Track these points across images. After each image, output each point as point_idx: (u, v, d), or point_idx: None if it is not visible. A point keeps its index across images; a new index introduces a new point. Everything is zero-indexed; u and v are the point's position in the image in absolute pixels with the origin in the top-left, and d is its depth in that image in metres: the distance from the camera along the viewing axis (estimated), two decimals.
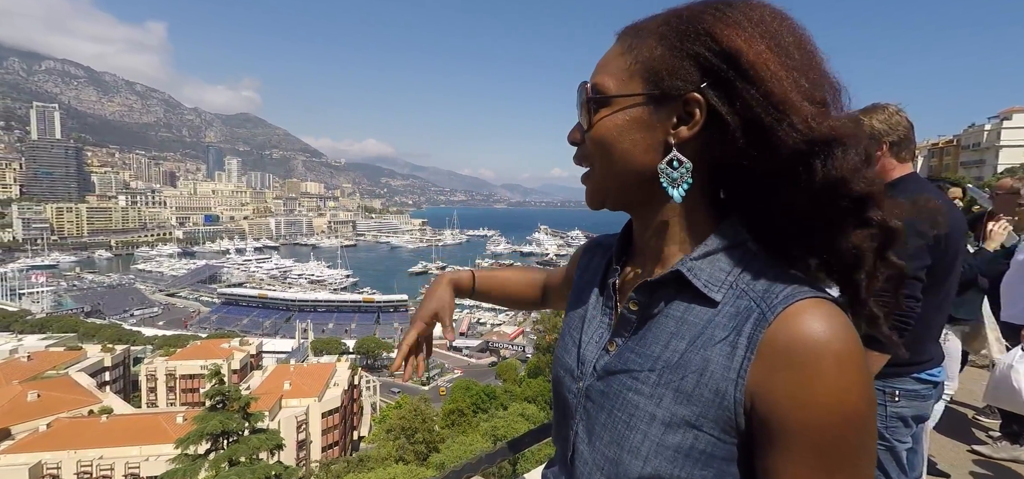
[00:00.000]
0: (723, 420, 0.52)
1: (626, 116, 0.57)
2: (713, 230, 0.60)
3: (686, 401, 0.53)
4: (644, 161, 0.58)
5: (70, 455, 29.24)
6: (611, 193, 0.62)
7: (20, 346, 48.45)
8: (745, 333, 0.52)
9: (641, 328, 0.61)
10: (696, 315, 0.57)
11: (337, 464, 25.99)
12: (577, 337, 0.71)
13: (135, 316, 78.85)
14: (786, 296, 0.51)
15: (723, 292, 0.56)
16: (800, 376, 0.48)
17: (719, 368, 0.52)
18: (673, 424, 0.54)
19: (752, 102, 0.52)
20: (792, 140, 0.51)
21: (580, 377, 0.66)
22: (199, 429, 16.92)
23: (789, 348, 0.49)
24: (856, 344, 0.49)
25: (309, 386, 38.74)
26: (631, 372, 0.59)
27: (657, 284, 0.60)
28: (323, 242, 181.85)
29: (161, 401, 43.29)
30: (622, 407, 0.58)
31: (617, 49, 0.60)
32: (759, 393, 0.50)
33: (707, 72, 0.54)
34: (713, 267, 0.58)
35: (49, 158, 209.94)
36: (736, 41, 0.52)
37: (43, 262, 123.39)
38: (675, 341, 0.57)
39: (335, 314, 78.87)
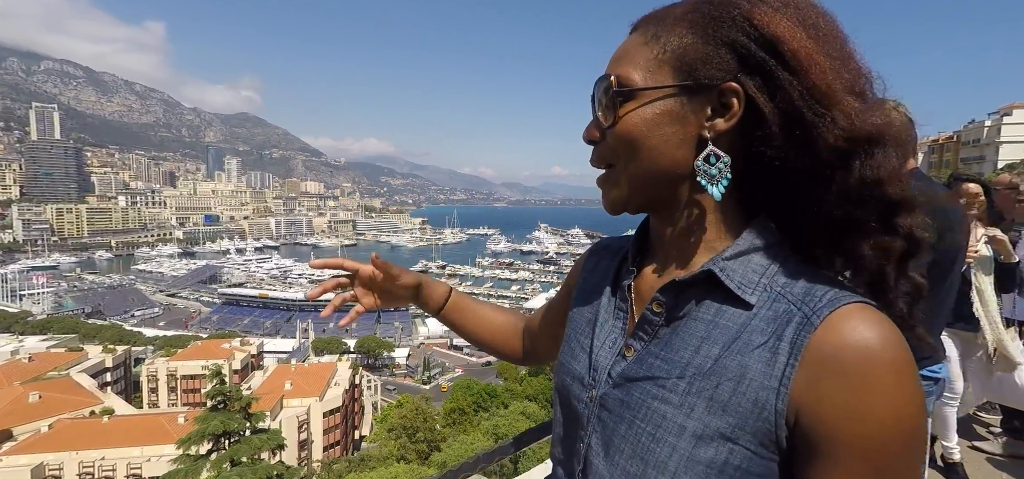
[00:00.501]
0: (762, 433, 0.48)
1: (656, 109, 0.53)
2: (742, 229, 0.56)
3: (721, 411, 0.49)
4: (676, 157, 0.54)
5: (72, 456, 29.30)
6: (637, 193, 0.57)
7: (21, 347, 48.53)
8: (787, 338, 0.48)
9: (666, 331, 0.57)
10: (729, 318, 0.53)
11: (339, 464, 26.03)
12: (586, 342, 0.66)
13: (136, 317, 79.00)
14: (831, 299, 0.48)
15: (758, 294, 0.52)
16: (852, 385, 0.44)
17: (758, 375, 0.48)
18: (705, 437, 0.49)
19: (794, 94, 0.48)
20: (834, 137, 0.48)
21: (593, 385, 0.61)
22: (200, 429, 16.93)
23: (839, 354, 0.45)
24: (908, 352, 0.46)
25: (310, 386, 38.80)
26: (656, 379, 0.54)
27: (685, 284, 0.56)
28: (323, 242, 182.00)
29: (162, 402, 43.36)
30: (646, 418, 0.53)
31: (638, 39, 0.56)
32: (805, 403, 0.46)
33: (745, 60, 0.50)
34: (746, 268, 0.54)
35: (49, 159, 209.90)
36: (778, 27, 0.49)
37: (44, 263, 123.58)
38: (707, 346, 0.52)
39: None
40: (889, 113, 0.50)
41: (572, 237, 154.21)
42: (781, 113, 0.49)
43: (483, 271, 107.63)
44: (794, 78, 0.48)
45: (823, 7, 0.51)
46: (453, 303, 0.98)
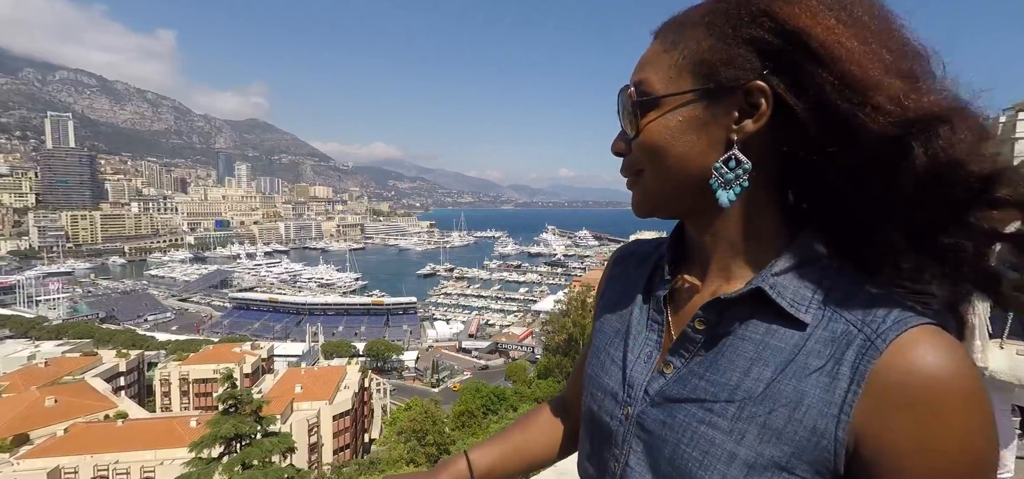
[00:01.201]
0: (820, 463, 0.44)
1: (679, 116, 0.51)
2: (790, 241, 0.52)
3: (775, 440, 0.45)
4: (703, 164, 0.51)
5: (87, 459, 29.71)
6: (665, 201, 0.55)
7: (37, 352, 49.30)
8: (847, 362, 0.44)
9: (709, 350, 0.53)
10: (781, 339, 0.49)
11: (348, 467, 26.15)
12: (618, 355, 0.62)
13: (148, 321, 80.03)
14: (896, 321, 0.44)
15: (812, 313, 0.48)
16: (922, 417, 0.41)
17: (817, 402, 0.45)
18: (758, 465, 0.46)
19: (825, 85, 0.44)
20: (879, 124, 0.42)
21: (628, 401, 0.58)
22: (213, 433, 17.10)
23: (906, 383, 0.42)
24: (980, 382, 0.42)
25: (320, 389, 39.00)
26: (702, 402, 0.51)
27: (731, 302, 0.52)
28: (332, 245, 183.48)
29: (175, 405, 43.82)
30: (692, 442, 0.50)
31: (657, 47, 0.54)
32: (868, 434, 0.43)
33: (768, 57, 0.47)
34: (798, 284, 0.50)
35: (64, 167, 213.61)
36: (799, 17, 0.45)
37: (59, 269, 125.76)
38: (757, 368, 0.49)
39: (345, 317, 79.40)
40: (950, 89, 0.44)
41: (580, 239, 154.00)
42: (815, 108, 0.45)
43: (491, 274, 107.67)
44: (822, 69, 0.44)
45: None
46: (480, 465, 0.79)
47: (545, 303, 65.42)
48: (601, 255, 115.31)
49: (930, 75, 0.44)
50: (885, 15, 0.46)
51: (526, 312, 77.00)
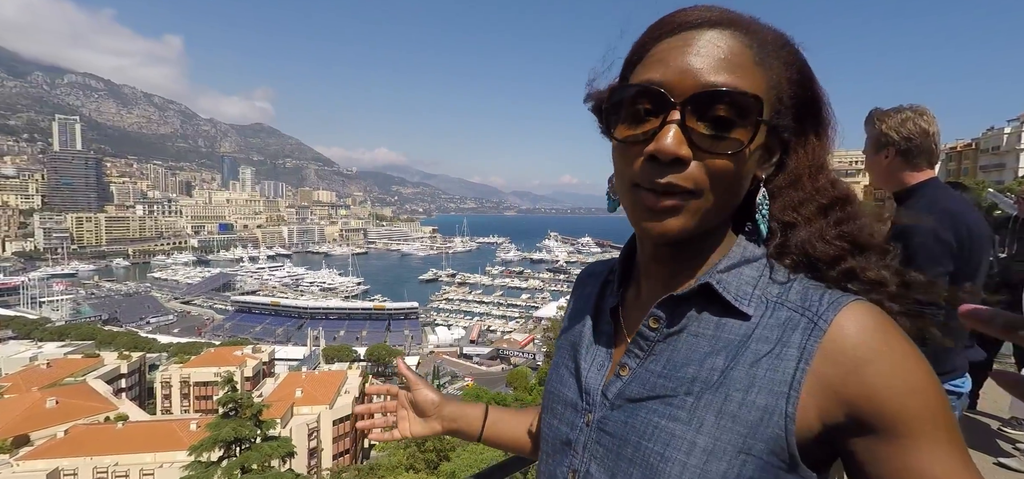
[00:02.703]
0: (773, 439, 0.48)
1: (761, 144, 0.53)
2: (730, 245, 0.57)
3: (731, 423, 0.49)
4: (742, 194, 0.55)
5: (87, 461, 29.65)
6: (702, 227, 0.53)
7: (40, 354, 49.42)
8: (793, 344, 0.49)
9: (662, 348, 0.56)
10: (731, 331, 0.53)
11: (348, 472, 26.02)
12: (572, 367, 0.65)
13: (151, 324, 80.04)
14: (832, 302, 0.49)
15: (754, 305, 0.53)
16: (890, 365, 0.46)
17: (767, 383, 0.49)
18: (717, 451, 0.49)
19: (812, 158, 0.55)
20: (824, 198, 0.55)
21: (587, 408, 0.60)
22: (212, 436, 17.06)
23: (856, 345, 0.47)
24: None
25: (321, 393, 38.90)
26: (662, 397, 0.53)
27: (682, 298, 0.55)
28: (335, 250, 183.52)
29: (175, 408, 43.77)
30: (653, 437, 0.52)
31: (747, 52, 0.50)
32: (832, 403, 0.47)
33: (796, 115, 0.54)
34: (739, 280, 0.55)
35: (70, 169, 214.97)
36: (822, 91, 0.52)
37: (63, 271, 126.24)
38: (711, 359, 0.52)
39: (346, 322, 79.30)
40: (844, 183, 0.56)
41: (582, 245, 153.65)
42: (792, 171, 0.55)
43: (493, 280, 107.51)
44: (818, 144, 0.54)
45: None
46: (493, 421, 0.92)
47: (547, 309, 65.24)
48: None
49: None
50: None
51: (528, 318, 76.79)
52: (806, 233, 0.55)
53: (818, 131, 0.55)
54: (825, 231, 0.54)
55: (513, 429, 0.92)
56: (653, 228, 0.52)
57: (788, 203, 0.56)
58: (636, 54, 0.54)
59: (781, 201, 0.56)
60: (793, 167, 0.56)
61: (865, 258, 0.54)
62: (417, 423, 0.92)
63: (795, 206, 0.56)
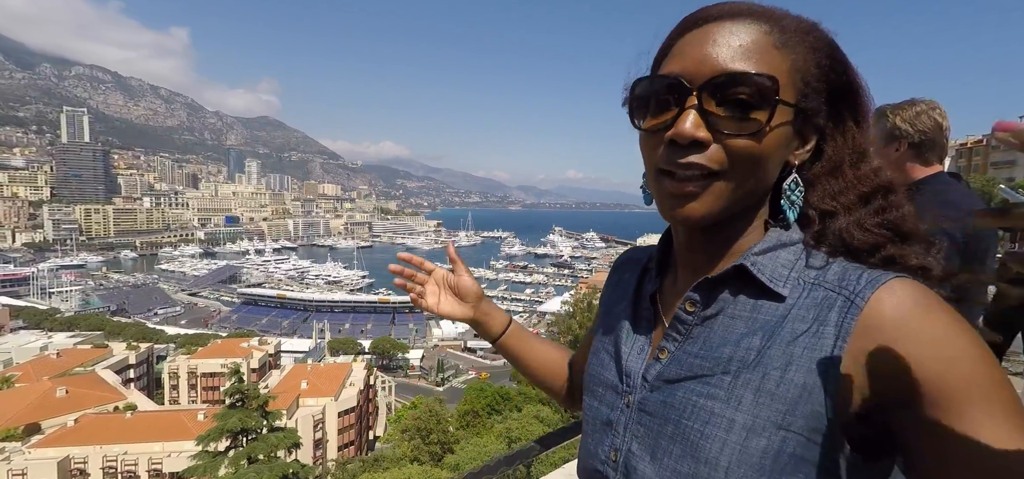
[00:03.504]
0: (813, 416, 0.48)
1: (785, 128, 0.53)
2: (767, 229, 0.58)
3: (770, 400, 0.50)
4: (773, 177, 0.56)
5: (96, 450, 30.06)
6: (730, 210, 0.55)
7: (50, 343, 50.09)
8: (830, 322, 0.49)
9: (700, 330, 0.58)
10: (767, 312, 0.54)
11: (353, 463, 26.21)
12: (613, 351, 0.67)
13: (158, 315, 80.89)
14: (870, 280, 0.50)
15: (789, 287, 0.54)
16: (931, 335, 0.45)
17: (805, 361, 0.49)
18: (756, 428, 0.50)
19: (852, 145, 0.55)
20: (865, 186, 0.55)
21: (628, 390, 0.62)
22: (219, 427, 17.25)
23: (895, 320, 0.47)
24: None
25: (326, 386, 39.20)
26: (700, 377, 0.55)
27: (717, 281, 0.57)
28: (340, 243, 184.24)
29: (183, 398, 44.23)
30: (693, 415, 0.53)
31: (764, 38, 0.52)
32: (882, 374, 0.47)
33: (830, 100, 0.54)
34: (775, 263, 0.55)
35: (78, 161, 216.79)
36: (858, 77, 0.52)
37: (72, 262, 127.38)
38: (748, 339, 0.53)
39: (351, 314, 79.75)
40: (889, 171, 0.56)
41: (587, 240, 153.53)
42: (831, 158, 0.56)
43: (497, 274, 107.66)
44: (858, 131, 0.54)
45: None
46: (512, 332, 0.96)
47: (551, 304, 65.24)
48: (608, 257, 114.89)
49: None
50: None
51: (532, 313, 76.91)
52: (845, 221, 0.55)
53: (857, 118, 0.55)
54: (864, 219, 0.54)
55: (527, 350, 0.96)
56: (679, 213, 0.54)
57: (827, 192, 0.56)
58: (662, 51, 0.57)
59: (820, 189, 0.57)
60: (832, 155, 0.56)
61: (908, 247, 0.54)
62: (449, 303, 0.93)
63: (834, 194, 0.56)
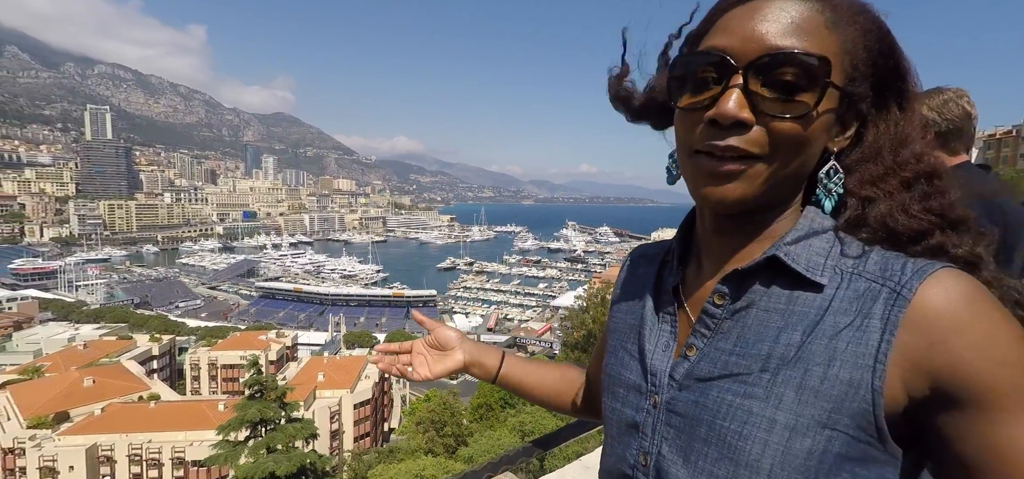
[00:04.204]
0: (860, 414, 0.46)
1: (832, 111, 0.50)
2: (797, 217, 0.55)
3: (813, 399, 0.47)
4: (812, 166, 0.53)
5: (122, 438, 31.05)
6: (768, 195, 0.52)
7: (77, 335, 51.63)
8: (875, 315, 0.46)
9: (730, 325, 0.54)
10: (805, 304, 0.50)
11: (368, 455, 26.63)
12: (635, 350, 0.63)
13: (180, 308, 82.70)
14: (916, 270, 0.47)
15: (828, 276, 0.50)
16: (981, 335, 0.43)
17: (850, 357, 0.46)
18: (799, 427, 0.47)
19: (895, 131, 0.51)
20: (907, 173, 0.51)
21: (653, 390, 0.58)
22: (239, 417, 17.67)
23: (943, 313, 0.44)
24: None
25: (342, 378, 39.80)
26: (735, 375, 0.51)
27: (748, 272, 0.53)
28: (355, 238, 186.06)
29: (204, 389, 45.32)
30: (729, 416, 0.50)
31: (817, 16, 0.49)
32: (917, 375, 0.45)
33: (875, 85, 0.51)
34: (809, 252, 0.52)
35: (102, 158, 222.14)
36: (906, 60, 0.49)
37: (97, 256, 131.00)
38: (786, 334, 0.50)
39: (366, 308, 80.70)
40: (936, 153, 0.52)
41: (600, 235, 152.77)
42: (871, 144, 0.52)
43: (510, 268, 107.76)
44: (901, 116, 0.51)
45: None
46: (509, 364, 0.93)
47: (564, 299, 65.16)
48: (621, 252, 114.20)
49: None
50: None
51: (545, 307, 76.92)
52: (886, 206, 0.51)
53: (901, 103, 0.52)
54: (910, 204, 0.51)
55: (526, 378, 0.94)
56: (712, 193, 0.51)
57: (866, 178, 0.52)
58: (703, 27, 0.54)
59: (858, 175, 0.53)
60: (872, 141, 0.53)
61: (957, 235, 0.50)
62: (440, 362, 0.91)
63: (874, 180, 0.52)
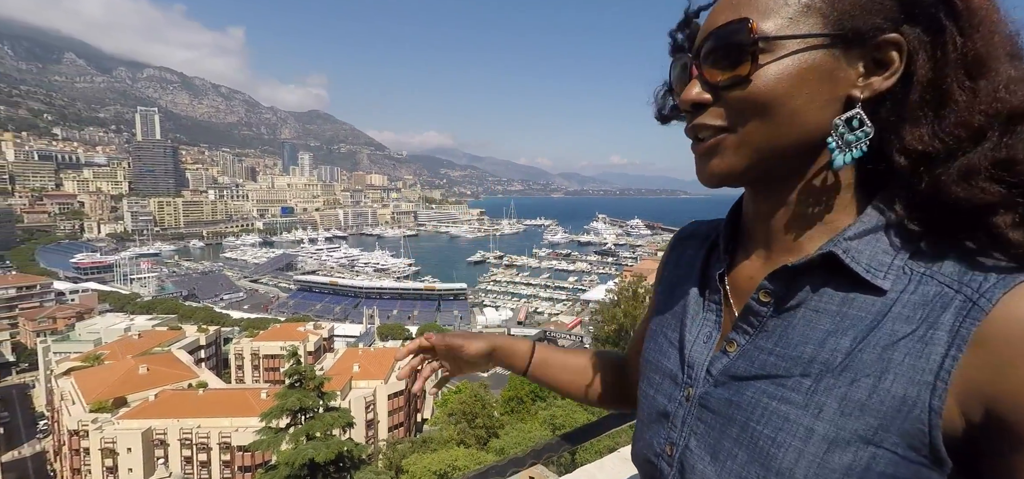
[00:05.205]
0: (912, 434, 0.41)
1: (802, 63, 0.44)
2: (865, 205, 0.48)
3: (858, 412, 0.42)
4: (817, 121, 0.45)
5: (174, 423, 32.97)
6: (756, 164, 0.48)
7: (132, 325, 54.90)
8: (944, 326, 0.40)
9: (775, 323, 0.50)
10: (860, 307, 0.45)
11: (402, 444, 27.32)
12: (675, 337, 0.60)
13: (224, 300, 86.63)
14: (1000, 279, 0.40)
15: (892, 278, 0.44)
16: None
17: (906, 370, 0.41)
18: (840, 440, 0.42)
19: (959, 56, 0.41)
20: (975, 116, 0.40)
21: (688, 382, 0.55)
22: (280, 405, 18.42)
23: (1020, 336, 0.38)
24: None
25: (376, 369, 40.87)
26: (773, 377, 0.47)
27: (799, 269, 0.48)
28: (387, 232, 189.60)
29: (247, 378, 47.44)
30: (763, 419, 0.46)
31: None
32: (981, 398, 0.39)
33: (910, 8, 0.42)
34: (874, 248, 0.46)
35: (151, 157, 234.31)
36: None
37: (148, 251, 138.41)
38: (834, 339, 0.45)
39: (399, 301, 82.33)
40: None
41: (632, 228, 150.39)
42: (931, 79, 0.42)
43: (540, 262, 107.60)
44: (963, 38, 0.41)
45: None
46: (539, 359, 0.87)
47: (595, 292, 64.65)
48: (653, 245, 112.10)
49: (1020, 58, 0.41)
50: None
51: (575, 301, 76.54)
52: (941, 171, 0.42)
53: (958, 20, 0.41)
54: (973, 166, 0.40)
55: (557, 371, 0.88)
56: (702, 171, 0.50)
57: (924, 126, 0.42)
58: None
59: (913, 124, 0.43)
60: (926, 75, 0.42)
61: None
62: (466, 364, 0.87)
63: (934, 129, 0.42)
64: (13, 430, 46.00)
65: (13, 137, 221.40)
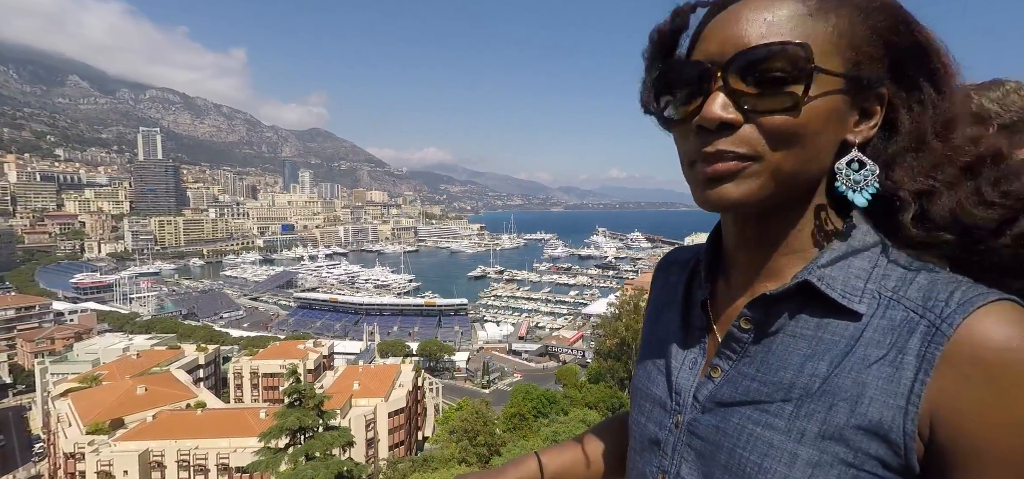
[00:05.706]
0: (889, 456, 0.42)
1: (833, 102, 0.45)
2: (837, 231, 0.50)
3: (839, 435, 0.43)
4: (825, 162, 0.48)
5: (172, 444, 32.53)
6: (774, 195, 0.47)
7: (131, 345, 54.55)
8: (911, 350, 0.42)
9: (756, 349, 0.51)
10: (835, 332, 0.47)
11: (403, 463, 26.91)
12: (662, 364, 0.61)
13: (224, 318, 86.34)
14: (962, 302, 0.42)
15: (866, 303, 0.46)
16: (997, 393, 0.39)
17: (880, 394, 0.42)
18: (822, 464, 0.44)
19: (929, 113, 0.46)
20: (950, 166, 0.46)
21: (677, 409, 0.56)
22: (279, 424, 18.18)
23: (978, 359, 0.40)
24: None
25: (376, 386, 40.48)
26: (756, 403, 0.49)
27: (777, 298, 0.50)
28: (387, 248, 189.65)
29: (246, 397, 46.97)
30: (748, 445, 0.48)
31: (795, 6, 0.45)
32: (943, 420, 0.41)
33: (895, 66, 0.47)
34: (847, 274, 0.48)
35: (153, 177, 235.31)
36: (929, 35, 0.46)
37: (148, 270, 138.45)
38: (812, 364, 0.46)
39: (399, 317, 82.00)
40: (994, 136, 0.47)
41: (631, 241, 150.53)
42: (910, 131, 0.47)
43: (540, 276, 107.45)
44: (940, 98, 0.46)
45: None
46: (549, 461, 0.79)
47: (596, 306, 64.40)
48: (653, 258, 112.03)
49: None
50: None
51: (576, 315, 76.23)
52: (952, 199, 0.45)
53: (936, 84, 0.46)
54: (984, 191, 0.45)
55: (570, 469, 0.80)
56: (711, 196, 0.47)
57: (917, 169, 0.47)
58: (691, 43, 0.52)
59: (906, 168, 0.47)
60: (910, 127, 0.47)
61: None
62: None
63: (927, 171, 0.46)
64: (8, 453, 45.47)
65: (16, 159, 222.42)
